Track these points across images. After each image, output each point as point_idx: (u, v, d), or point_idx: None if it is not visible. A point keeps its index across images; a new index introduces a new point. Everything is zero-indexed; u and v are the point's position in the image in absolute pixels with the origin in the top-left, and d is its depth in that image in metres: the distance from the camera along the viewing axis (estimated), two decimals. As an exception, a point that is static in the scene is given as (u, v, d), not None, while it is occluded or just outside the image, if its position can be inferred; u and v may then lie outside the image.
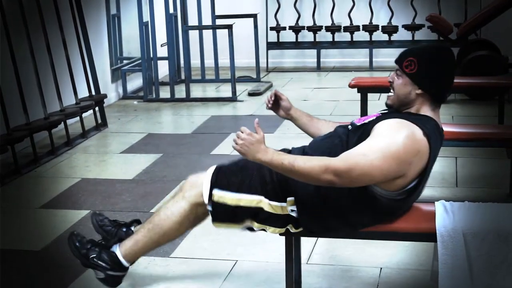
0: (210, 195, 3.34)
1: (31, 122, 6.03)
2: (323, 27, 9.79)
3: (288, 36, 9.96)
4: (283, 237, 3.37)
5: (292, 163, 2.99)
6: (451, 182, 5.23)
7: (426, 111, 3.23)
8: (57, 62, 6.60)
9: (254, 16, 9.12)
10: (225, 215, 3.34)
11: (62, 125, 6.45)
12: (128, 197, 5.14)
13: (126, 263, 3.55)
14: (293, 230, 3.29)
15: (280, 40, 9.96)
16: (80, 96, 6.88)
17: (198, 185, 3.41)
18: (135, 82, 8.88)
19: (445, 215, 3.18)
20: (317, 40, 9.85)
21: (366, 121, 3.25)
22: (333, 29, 9.76)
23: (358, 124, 3.28)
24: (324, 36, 9.87)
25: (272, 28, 9.91)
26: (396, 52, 3.41)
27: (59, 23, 6.67)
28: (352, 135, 3.25)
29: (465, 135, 4.65)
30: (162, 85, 8.68)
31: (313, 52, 9.95)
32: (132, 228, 3.72)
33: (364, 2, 9.77)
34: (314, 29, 9.79)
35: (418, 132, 3.06)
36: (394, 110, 3.30)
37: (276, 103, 3.69)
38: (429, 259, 3.88)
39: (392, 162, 2.99)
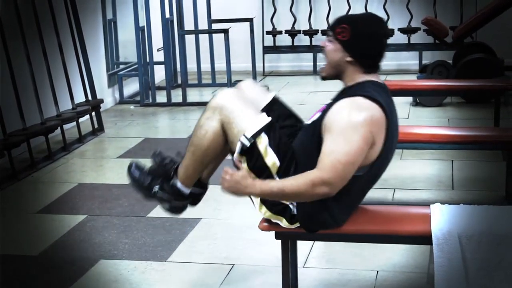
0: (257, 135, 3.23)
1: (27, 127, 6.04)
2: (319, 31, 9.80)
3: (284, 40, 9.97)
4: (280, 241, 3.38)
5: (281, 188, 3.02)
6: (447, 185, 5.24)
7: (359, 78, 3.22)
8: (54, 67, 6.61)
9: (250, 20, 9.13)
10: (255, 162, 3.24)
11: (58, 130, 6.45)
12: (125, 202, 5.14)
13: (186, 190, 3.49)
14: (283, 224, 3.26)
15: (276, 44, 9.97)
16: (76, 101, 6.89)
17: (233, 111, 3.30)
18: (131, 86, 8.89)
19: (441, 218, 3.19)
20: (313, 44, 9.85)
21: (314, 117, 3.25)
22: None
23: (308, 123, 3.30)
24: (320, 40, 9.82)
25: (268, 32, 9.92)
26: (392, 55, 3.43)
27: (55, 28, 6.68)
28: (305, 134, 3.26)
29: (461, 138, 4.67)
30: (158, 89, 8.69)
31: (310, 56, 9.96)
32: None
33: (360, 5, 9.78)
34: (310, 33, 9.80)
35: (360, 100, 3.07)
36: (338, 95, 3.28)
37: None
38: (425, 262, 3.89)
39: (358, 140, 2.99)
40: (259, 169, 3.22)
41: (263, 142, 3.22)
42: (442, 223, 3.16)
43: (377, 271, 3.92)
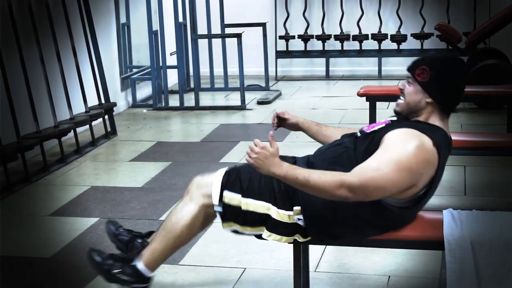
0: (221, 196, 3.35)
1: (41, 130, 6.06)
2: (332, 36, 9.81)
3: (297, 44, 9.97)
4: (291, 245, 3.38)
5: (307, 178, 3.00)
6: (460, 190, 5.23)
7: (435, 120, 3.23)
8: (67, 71, 6.63)
9: (263, 25, 9.14)
10: (235, 216, 3.35)
11: (72, 133, 6.47)
12: (137, 205, 5.16)
13: (148, 273, 3.54)
14: (301, 240, 3.30)
15: (289, 49, 9.98)
16: (89, 104, 6.91)
17: (204, 185, 3.43)
18: (144, 90, 8.91)
19: (453, 224, 3.19)
20: (326, 49, 9.86)
21: (375, 128, 3.26)
22: (342, 38, 9.78)
23: (367, 131, 3.29)
24: (333, 45, 9.88)
25: (281, 37, 9.93)
26: (405, 60, 3.44)
27: (69, 31, 6.71)
28: (360, 142, 3.25)
29: (473, 144, 4.65)
30: (171, 93, 8.70)
31: (322, 60, 9.96)
32: (148, 240, 3.72)
33: (373, 11, 9.79)
34: (323, 38, 9.80)
35: (427, 141, 3.07)
36: (403, 118, 3.30)
37: (281, 123, 3.72)
38: (437, 268, 3.89)
39: (405, 174, 3.00)
40: (254, 221, 3.32)
41: (228, 196, 3.34)
42: (454, 228, 3.15)
43: (389, 276, 3.92)
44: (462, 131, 6.59)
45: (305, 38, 9.85)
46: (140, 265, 3.52)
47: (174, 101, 8.48)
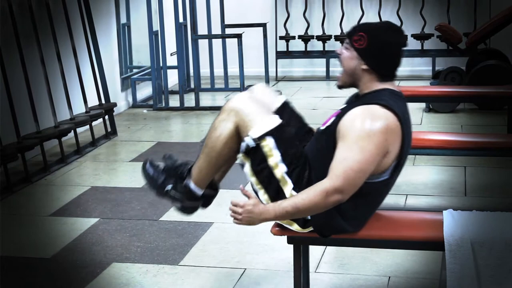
0: (262, 137, 3.25)
1: (41, 130, 6.06)
2: (332, 37, 9.81)
3: (297, 45, 9.98)
4: (292, 246, 3.38)
5: (295, 206, 3.03)
6: (460, 191, 5.23)
7: (375, 86, 3.21)
8: (67, 71, 6.63)
9: (263, 25, 9.13)
10: (257, 161, 3.26)
11: (72, 134, 6.47)
12: (137, 205, 5.16)
13: (199, 191, 3.49)
14: (293, 228, 3.26)
15: (289, 49, 9.98)
16: (90, 104, 6.91)
17: (246, 113, 3.31)
18: (144, 91, 8.91)
19: (453, 224, 3.18)
20: (326, 49, 9.86)
21: (328, 123, 3.25)
22: (343, 38, 9.71)
23: (322, 128, 3.29)
24: (333, 45, 9.87)
25: (281, 37, 9.93)
26: (405, 61, 3.42)
27: (69, 31, 6.71)
28: (320, 140, 3.25)
29: (474, 145, 4.65)
30: (171, 94, 8.71)
31: (322, 61, 9.96)
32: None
33: (373, 11, 9.79)
34: (323, 38, 9.80)
35: (375, 109, 3.07)
36: (351, 101, 3.29)
37: None
38: (437, 268, 3.89)
39: (371, 147, 3.01)
40: (262, 170, 3.23)
41: (268, 144, 3.23)
42: (454, 229, 3.15)
43: (389, 277, 3.92)
44: (463, 132, 6.60)
45: (306, 38, 9.85)
46: (191, 183, 3.48)
47: (174, 101, 8.48)
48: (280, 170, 3.21)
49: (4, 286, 3.98)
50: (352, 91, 3.34)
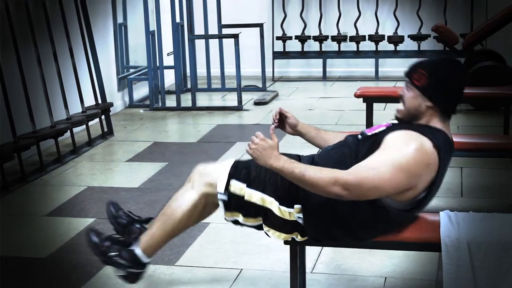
0: (227, 185, 3.34)
1: (37, 130, 6.06)
2: (329, 37, 9.81)
3: (294, 45, 9.97)
4: (288, 246, 3.38)
5: (302, 172, 3.01)
6: (456, 192, 5.23)
7: (435, 123, 3.21)
8: (64, 71, 6.63)
9: (260, 25, 9.14)
10: (239, 207, 3.35)
11: (68, 133, 6.47)
12: (134, 205, 5.15)
13: (145, 259, 3.54)
14: (298, 239, 3.30)
15: (286, 50, 9.98)
16: (86, 104, 6.91)
17: (207, 174, 3.44)
18: (141, 90, 8.91)
19: (449, 225, 3.19)
20: (323, 49, 9.86)
21: (376, 131, 3.26)
22: (339, 39, 9.77)
23: (369, 134, 3.28)
24: (330, 45, 9.89)
25: (278, 38, 9.93)
26: (402, 62, 3.43)
27: (66, 31, 6.70)
28: (362, 145, 3.25)
29: (470, 145, 4.65)
30: (168, 94, 8.70)
31: (319, 61, 9.97)
32: (146, 226, 3.70)
33: (370, 12, 9.79)
34: (320, 38, 9.81)
35: (427, 144, 3.06)
36: (405, 122, 3.30)
37: (281, 121, 3.68)
38: (433, 269, 3.89)
39: (402, 175, 3.00)
40: (256, 212, 3.32)
41: (234, 185, 3.30)
42: (451, 230, 3.15)
43: (385, 278, 3.92)
44: (459, 133, 6.59)
45: (302, 39, 9.85)
46: (137, 250, 3.53)
47: (171, 101, 8.47)
48: (256, 196, 3.30)
49: (0, 286, 3.97)
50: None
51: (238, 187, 3.34)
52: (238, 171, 3.37)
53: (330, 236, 3.27)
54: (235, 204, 3.35)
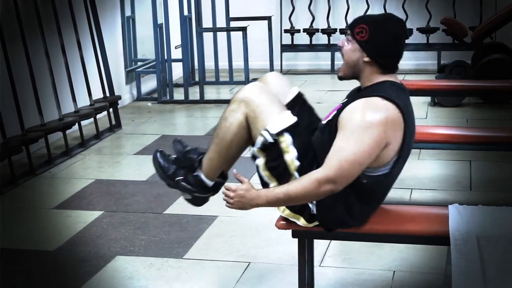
0: (280, 133, 3.22)
1: (45, 123, 6.06)
2: (338, 30, 9.78)
3: (302, 38, 9.95)
4: (296, 239, 3.37)
5: (287, 193, 3.03)
6: (465, 185, 5.21)
7: (377, 78, 3.20)
8: (72, 64, 6.63)
9: (268, 18, 9.12)
10: (272, 156, 3.24)
11: (76, 126, 6.47)
12: (142, 198, 5.15)
13: (210, 183, 3.47)
14: (300, 222, 3.25)
15: (294, 43, 9.95)
16: (94, 97, 6.90)
17: (258, 106, 3.27)
18: (149, 83, 8.90)
19: (458, 219, 3.17)
20: (331, 42, 9.83)
21: (330, 117, 3.24)
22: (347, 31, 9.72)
23: (324, 122, 3.28)
24: (338, 38, 9.77)
25: (286, 31, 9.91)
26: (410, 55, 3.41)
27: (74, 24, 6.70)
28: (322, 133, 3.25)
29: (479, 139, 4.64)
30: (176, 87, 8.69)
31: (327, 54, 9.94)
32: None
33: (379, 4, 9.75)
34: (329, 31, 9.78)
35: (376, 101, 3.06)
36: (352, 94, 3.30)
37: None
38: (442, 263, 3.88)
39: (369, 140, 3.00)
40: (277, 166, 3.22)
41: (286, 141, 3.21)
42: (460, 224, 3.14)
43: (394, 271, 3.91)
44: (468, 126, 6.58)
45: (311, 32, 9.82)
46: (202, 175, 3.47)
47: (178, 94, 8.47)
48: (294, 166, 3.21)
49: (8, 279, 3.97)
50: (355, 83, 3.32)
51: (287, 144, 3.21)
52: (295, 131, 3.24)
53: (336, 221, 3.21)
54: (271, 151, 3.24)
